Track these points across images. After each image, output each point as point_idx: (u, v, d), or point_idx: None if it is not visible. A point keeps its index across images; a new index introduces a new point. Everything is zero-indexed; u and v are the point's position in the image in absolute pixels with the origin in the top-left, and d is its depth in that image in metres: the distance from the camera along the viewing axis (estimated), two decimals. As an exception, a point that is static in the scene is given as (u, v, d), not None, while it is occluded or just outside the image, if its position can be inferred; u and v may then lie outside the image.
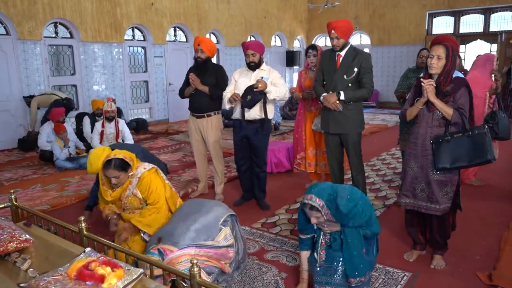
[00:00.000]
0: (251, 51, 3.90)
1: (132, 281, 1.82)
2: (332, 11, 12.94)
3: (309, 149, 4.69)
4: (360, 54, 3.68)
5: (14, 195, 2.98)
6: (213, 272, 2.64)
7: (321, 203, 2.46)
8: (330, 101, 3.66)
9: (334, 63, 3.73)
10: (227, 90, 4.06)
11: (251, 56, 3.91)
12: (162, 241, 2.62)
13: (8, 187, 5.02)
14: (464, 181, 4.69)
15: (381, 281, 2.80)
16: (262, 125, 3.96)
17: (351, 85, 3.66)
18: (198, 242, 2.63)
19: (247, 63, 3.97)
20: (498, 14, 11.30)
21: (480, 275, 2.82)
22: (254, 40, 4.48)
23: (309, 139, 4.68)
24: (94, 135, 6.33)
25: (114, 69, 9.06)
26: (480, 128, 2.73)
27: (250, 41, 4.06)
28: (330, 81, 3.73)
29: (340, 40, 3.62)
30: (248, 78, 3.96)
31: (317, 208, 2.46)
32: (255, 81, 3.87)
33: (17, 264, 2.13)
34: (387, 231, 3.60)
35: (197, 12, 10.54)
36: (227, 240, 2.75)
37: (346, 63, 3.67)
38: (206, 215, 2.79)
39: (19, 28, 7.36)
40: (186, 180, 5.24)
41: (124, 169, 2.88)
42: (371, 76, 3.69)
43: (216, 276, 2.67)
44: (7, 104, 7.37)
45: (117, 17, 8.85)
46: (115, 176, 2.86)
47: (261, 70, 3.97)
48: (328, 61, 3.78)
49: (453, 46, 2.81)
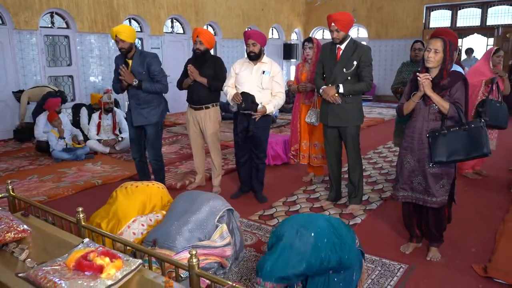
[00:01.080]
0: (252, 40, 3.85)
1: (131, 272, 1.82)
2: (330, 4, 12.89)
3: (303, 141, 4.71)
4: (359, 48, 3.67)
5: (11, 186, 2.97)
6: (212, 267, 2.64)
7: (272, 285, 2.21)
8: (329, 94, 3.67)
9: (334, 56, 3.73)
10: (228, 84, 4.04)
11: (251, 45, 3.86)
12: (158, 243, 2.58)
13: (5, 177, 5.00)
14: (461, 172, 4.73)
15: (377, 273, 2.82)
16: (263, 117, 3.94)
17: (350, 78, 3.67)
18: (193, 243, 2.59)
19: (247, 53, 3.94)
20: (495, 8, 11.30)
21: (475, 267, 2.85)
22: (256, 30, 4.43)
23: (303, 132, 4.69)
24: (91, 126, 6.32)
25: (111, 60, 8.97)
26: (476, 122, 2.74)
27: (252, 30, 4.01)
28: (330, 74, 3.74)
29: (340, 33, 3.61)
30: (250, 71, 3.93)
31: None
32: (256, 76, 3.86)
33: (15, 254, 2.13)
34: (383, 224, 3.63)
35: (195, 3, 10.47)
36: (223, 239, 2.72)
37: (346, 56, 3.66)
38: (199, 212, 2.73)
39: (15, 18, 7.29)
40: (183, 172, 5.24)
41: None
42: (371, 70, 3.69)
43: (215, 270, 2.68)
44: (2, 95, 7.31)
45: (114, 8, 8.78)
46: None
47: (262, 63, 3.94)
48: (328, 54, 3.78)
49: (451, 40, 2.80)
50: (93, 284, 1.68)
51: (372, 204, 4.10)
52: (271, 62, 4.00)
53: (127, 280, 1.80)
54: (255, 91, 3.87)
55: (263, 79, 3.89)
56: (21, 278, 1.84)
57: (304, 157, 4.74)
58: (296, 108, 4.77)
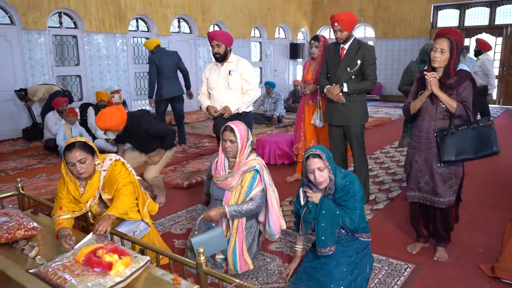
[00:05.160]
0: (215, 41, 3.73)
1: (139, 269, 1.84)
2: (336, 4, 12.87)
3: (310, 142, 4.66)
4: (363, 47, 3.68)
5: (20, 184, 3.01)
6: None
7: (323, 155, 2.52)
8: (333, 93, 3.68)
9: (338, 55, 3.74)
10: (202, 91, 4.02)
11: (216, 47, 3.74)
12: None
13: (14, 176, 5.05)
14: None
15: (384, 272, 2.82)
16: (240, 116, 3.78)
17: (355, 77, 3.68)
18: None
19: (212, 54, 3.85)
20: (503, 7, 11.21)
21: (482, 267, 2.84)
22: (220, 30, 4.37)
23: (308, 133, 4.64)
24: (99, 125, 6.35)
25: (118, 60, 9.05)
26: (485, 121, 2.72)
27: (215, 31, 3.90)
28: (334, 74, 3.75)
29: (344, 32, 3.63)
30: (218, 73, 3.86)
31: (320, 156, 2.51)
32: (224, 76, 3.81)
33: (25, 252, 2.16)
34: (390, 224, 3.62)
35: (201, 3, 10.50)
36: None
37: (350, 55, 3.68)
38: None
39: (23, 18, 7.35)
40: (190, 171, 5.26)
41: (91, 152, 2.46)
42: (374, 69, 3.69)
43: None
44: (11, 94, 7.38)
45: (121, 8, 8.83)
46: (82, 159, 2.38)
47: (229, 63, 3.84)
48: (332, 53, 3.80)
49: (457, 39, 2.79)
50: (102, 281, 1.70)
51: (379, 204, 4.09)
52: (238, 60, 3.87)
53: (136, 277, 1.82)
54: (224, 92, 3.82)
55: (230, 79, 3.80)
56: (31, 274, 1.87)
57: None
58: (301, 108, 4.76)
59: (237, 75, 3.82)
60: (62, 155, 2.47)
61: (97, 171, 2.51)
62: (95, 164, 2.49)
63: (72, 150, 2.38)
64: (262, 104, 8.82)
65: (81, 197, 2.49)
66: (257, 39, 12.73)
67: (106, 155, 2.61)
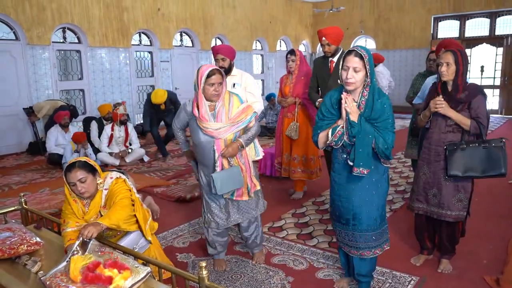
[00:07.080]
0: (221, 55, 3.70)
1: (140, 281, 1.84)
2: (337, 16, 12.96)
3: (284, 154, 4.62)
4: None
5: (24, 198, 3.02)
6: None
7: (366, 56, 2.36)
8: None
9: (328, 69, 3.81)
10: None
11: (221, 61, 3.71)
12: None
13: (17, 190, 5.07)
14: None
15: (388, 285, 2.80)
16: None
17: None
18: None
19: None
20: (504, 17, 11.26)
21: (487, 279, 2.81)
22: (224, 44, 4.38)
23: (285, 144, 4.61)
24: (103, 138, 6.39)
25: (121, 74, 9.13)
26: (497, 141, 2.70)
27: (220, 45, 3.88)
28: (324, 87, 3.80)
29: (331, 46, 3.72)
30: None
31: (362, 56, 2.36)
32: (229, 89, 3.78)
33: (27, 267, 2.16)
34: (393, 236, 3.60)
35: (203, 17, 10.61)
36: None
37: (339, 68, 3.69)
38: None
39: (28, 33, 7.45)
40: (193, 184, 5.27)
41: (92, 171, 2.47)
42: None
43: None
44: (16, 109, 7.45)
45: (124, 23, 8.93)
46: (82, 179, 2.40)
47: (232, 76, 3.81)
48: (321, 67, 3.85)
49: (461, 50, 2.77)
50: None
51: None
52: (242, 74, 3.87)
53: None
54: None
55: (234, 92, 3.82)
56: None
57: (286, 170, 4.63)
58: (280, 121, 4.72)
59: (241, 88, 3.84)
60: (63, 175, 2.47)
61: (99, 190, 2.53)
62: (97, 183, 2.50)
63: (72, 170, 2.41)
64: (264, 116, 8.85)
65: (84, 216, 2.51)
66: (259, 52, 12.82)
67: (107, 174, 2.61)
